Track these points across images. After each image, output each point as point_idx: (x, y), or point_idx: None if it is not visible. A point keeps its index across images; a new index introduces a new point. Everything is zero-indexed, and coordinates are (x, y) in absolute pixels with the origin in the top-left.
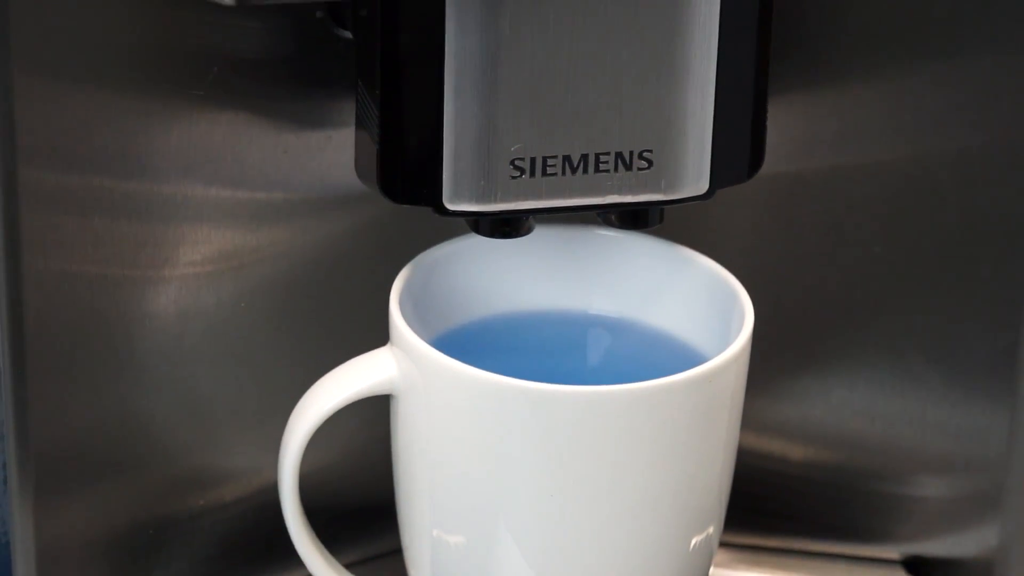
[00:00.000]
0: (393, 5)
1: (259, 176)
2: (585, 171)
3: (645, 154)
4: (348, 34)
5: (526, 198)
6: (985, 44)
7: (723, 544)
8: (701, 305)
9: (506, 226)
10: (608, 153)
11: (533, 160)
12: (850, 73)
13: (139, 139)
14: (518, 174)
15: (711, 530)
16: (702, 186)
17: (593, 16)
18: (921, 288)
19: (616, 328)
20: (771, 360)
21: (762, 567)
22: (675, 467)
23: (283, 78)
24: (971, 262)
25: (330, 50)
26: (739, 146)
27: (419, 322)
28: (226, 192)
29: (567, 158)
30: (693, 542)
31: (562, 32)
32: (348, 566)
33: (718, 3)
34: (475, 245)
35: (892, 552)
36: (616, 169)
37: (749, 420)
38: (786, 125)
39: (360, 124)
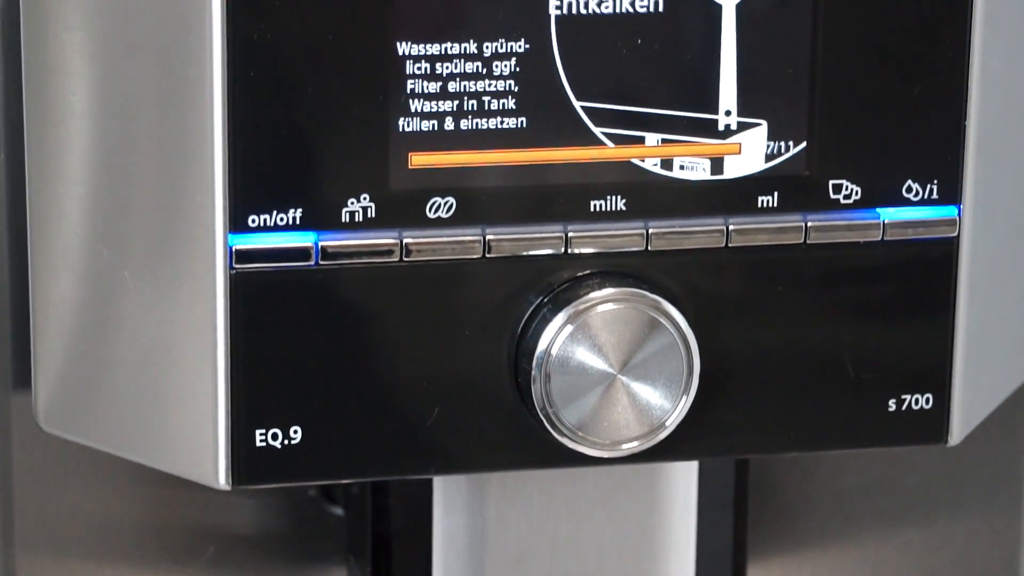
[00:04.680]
0: (383, 485)
1: None
2: None
3: None
4: (340, 511)
5: None
6: (955, 513)
7: None
8: None
9: None
10: None
11: None
12: (828, 540)
13: None
14: None
15: None
16: None
17: (575, 496)
18: None
19: None
20: None
21: None
22: None
23: (277, 553)
24: None
25: (322, 526)
26: None
27: None
28: None
29: None
30: None
31: (545, 512)
32: None
33: (696, 481)
34: None
35: None
36: None
37: None
38: None
39: None
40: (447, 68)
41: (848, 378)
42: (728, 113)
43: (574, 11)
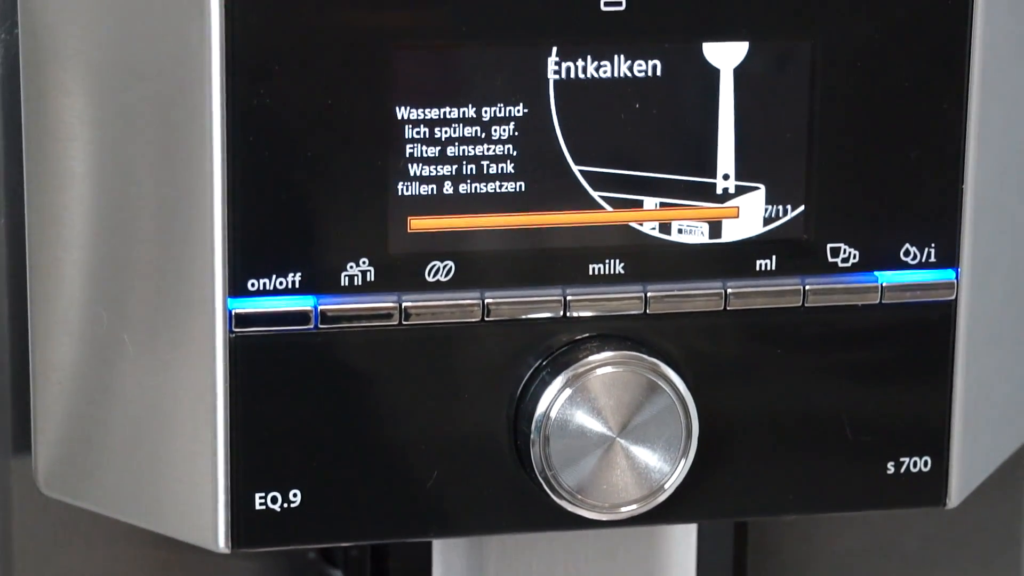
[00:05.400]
0: (382, 548)
1: None
2: None
3: None
4: (339, 574)
5: None
6: None
7: None
8: None
9: None
10: None
11: None
12: None
13: None
14: None
15: None
16: None
17: (574, 559)
18: None
19: None
20: None
21: None
22: None
23: None
24: None
25: None
26: None
27: None
28: None
29: None
30: None
31: (544, 575)
32: None
33: (695, 544)
34: None
35: None
36: None
37: None
38: None
39: None
40: (446, 132)
41: (846, 441)
42: (726, 177)
43: (572, 76)
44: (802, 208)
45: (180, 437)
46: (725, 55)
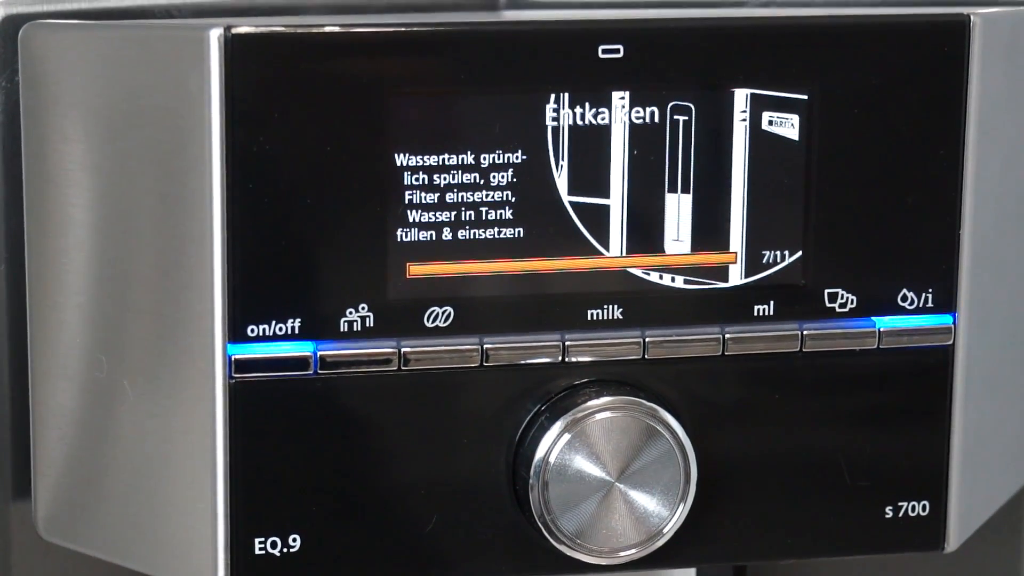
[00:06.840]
0: None
1: None
2: None
3: None
4: None
5: None
6: None
7: None
8: None
9: None
10: None
11: None
12: None
13: None
14: None
15: None
16: None
17: None
18: None
19: None
20: None
21: None
22: None
23: None
24: None
25: None
26: None
27: None
28: None
29: None
30: None
31: None
32: None
33: None
34: None
35: None
36: None
37: None
38: None
39: None
40: (444, 179)
41: (845, 485)
42: (725, 223)
43: (570, 122)
44: (800, 254)
45: (180, 482)
46: (724, 103)
